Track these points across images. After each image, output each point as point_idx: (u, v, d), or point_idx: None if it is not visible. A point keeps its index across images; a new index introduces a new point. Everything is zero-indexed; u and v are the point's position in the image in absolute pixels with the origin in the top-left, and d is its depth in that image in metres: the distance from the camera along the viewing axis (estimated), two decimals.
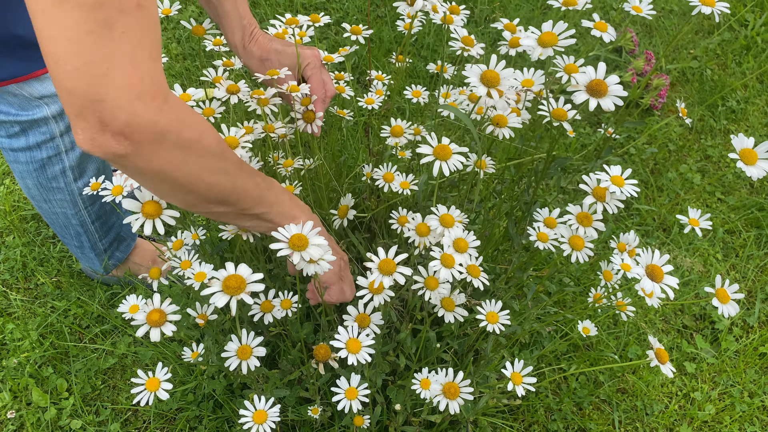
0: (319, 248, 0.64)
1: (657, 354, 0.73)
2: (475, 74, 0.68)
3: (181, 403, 1.11)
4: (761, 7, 2.16)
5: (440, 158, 0.70)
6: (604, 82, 0.64)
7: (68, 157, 1.04)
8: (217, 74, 0.90)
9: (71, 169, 1.05)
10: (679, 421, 1.19)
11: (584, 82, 0.65)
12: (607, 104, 0.64)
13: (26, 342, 1.19)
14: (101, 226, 1.18)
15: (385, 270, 0.68)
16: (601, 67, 0.65)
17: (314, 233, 0.65)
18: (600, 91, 0.64)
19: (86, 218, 1.14)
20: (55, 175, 1.05)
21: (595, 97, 0.64)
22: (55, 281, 1.31)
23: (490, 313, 0.78)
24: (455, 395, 0.75)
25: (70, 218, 1.13)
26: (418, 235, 0.75)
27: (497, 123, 0.78)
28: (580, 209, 0.74)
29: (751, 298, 1.40)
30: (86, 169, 1.08)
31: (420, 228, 0.75)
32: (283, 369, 0.95)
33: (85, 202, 1.11)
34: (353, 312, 0.76)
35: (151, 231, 0.67)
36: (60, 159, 1.03)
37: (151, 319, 0.70)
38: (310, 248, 0.64)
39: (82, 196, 1.10)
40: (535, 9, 2.05)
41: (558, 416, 1.16)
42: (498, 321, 0.78)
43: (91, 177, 1.09)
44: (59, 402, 1.13)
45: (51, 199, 1.09)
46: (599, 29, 0.68)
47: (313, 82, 0.88)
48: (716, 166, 1.69)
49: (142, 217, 0.66)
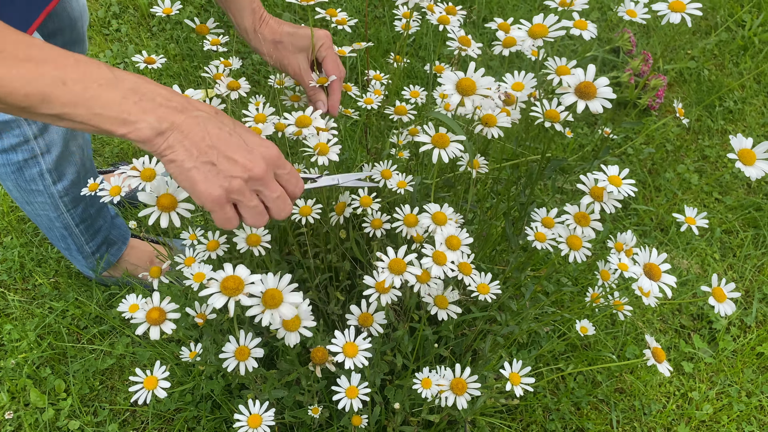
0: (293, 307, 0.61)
1: (654, 353, 0.73)
2: (450, 81, 0.67)
3: (180, 403, 1.11)
4: (759, 8, 2.16)
5: (438, 146, 0.71)
6: (592, 84, 0.64)
7: (44, 160, 1.02)
8: (217, 72, 0.90)
9: (49, 172, 1.04)
10: (677, 421, 1.19)
11: (574, 84, 0.65)
12: (595, 106, 0.63)
13: (24, 343, 1.19)
14: (86, 229, 1.17)
15: (396, 270, 0.68)
16: (591, 69, 0.65)
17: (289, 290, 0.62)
18: (588, 94, 0.64)
19: (69, 221, 1.13)
20: (33, 178, 1.04)
21: (583, 99, 0.64)
22: (53, 282, 1.31)
23: (481, 285, 0.79)
24: (463, 391, 0.75)
25: (53, 221, 1.13)
26: (406, 226, 0.76)
27: (486, 123, 0.78)
28: (577, 209, 0.74)
29: (748, 298, 1.40)
30: (65, 172, 1.06)
31: (408, 219, 0.76)
32: (282, 369, 0.95)
33: (67, 205, 1.11)
34: (356, 311, 0.76)
35: (167, 224, 0.66)
36: (36, 162, 1.02)
37: (151, 317, 0.70)
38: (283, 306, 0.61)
39: (64, 199, 1.09)
40: (532, 9, 2.05)
41: (556, 416, 1.16)
42: (489, 291, 0.78)
43: (71, 180, 1.08)
44: (57, 403, 1.13)
45: (32, 201, 1.09)
46: (579, 27, 0.69)
47: (329, 62, 0.87)
48: (713, 166, 1.69)
49: (158, 211, 0.66)
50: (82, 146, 1.08)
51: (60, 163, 1.05)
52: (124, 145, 1.59)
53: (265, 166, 0.60)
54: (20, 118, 0.96)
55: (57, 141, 1.01)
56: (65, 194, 1.09)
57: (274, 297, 0.61)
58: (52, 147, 1.01)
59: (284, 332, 0.66)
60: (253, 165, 0.59)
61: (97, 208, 1.18)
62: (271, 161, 0.61)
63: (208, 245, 0.85)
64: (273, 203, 0.62)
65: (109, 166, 1.53)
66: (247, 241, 0.78)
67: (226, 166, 0.58)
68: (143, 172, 0.74)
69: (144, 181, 0.72)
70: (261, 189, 0.61)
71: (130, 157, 1.57)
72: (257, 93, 1.67)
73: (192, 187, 0.58)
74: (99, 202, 1.17)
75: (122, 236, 1.27)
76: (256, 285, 0.62)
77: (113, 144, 1.59)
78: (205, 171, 0.58)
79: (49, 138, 1.00)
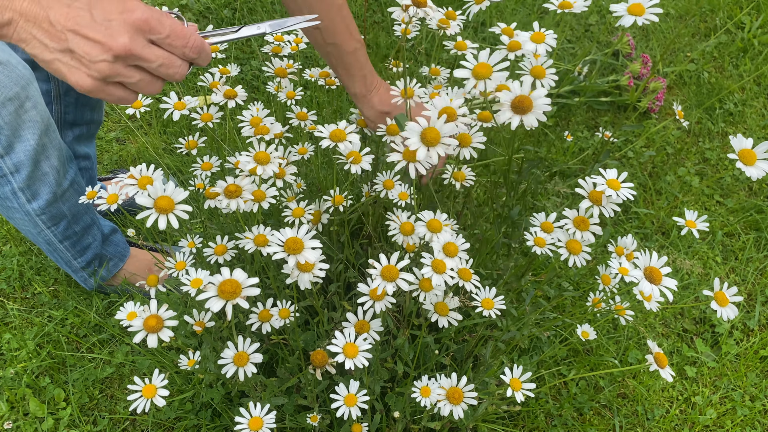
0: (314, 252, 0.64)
1: (656, 358, 0.73)
2: (415, 133, 0.65)
3: (179, 412, 1.11)
4: (758, 10, 2.16)
5: (427, 144, 0.71)
6: (528, 97, 0.61)
7: (15, 179, 1.01)
8: (214, 80, 0.90)
9: (21, 191, 1.03)
10: (681, 426, 1.19)
11: (508, 100, 0.62)
12: (530, 121, 0.61)
13: (23, 352, 1.19)
14: (72, 246, 1.16)
15: (388, 276, 0.68)
16: (527, 80, 0.62)
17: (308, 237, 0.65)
18: (523, 108, 0.61)
19: (51, 238, 1.12)
20: (6, 196, 1.03)
21: (518, 114, 0.61)
22: (52, 290, 1.31)
23: (486, 300, 0.78)
24: (459, 400, 0.74)
25: (35, 236, 1.12)
26: (402, 234, 0.76)
27: (461, 143, 0.76)
28: (576, 213, 0.74)
29: (751, 301, 1.39)
30: (39, 191, 1.05)
31: (405, 227, 0.76)
32: (281, 377, 0.94)
33: (46, 222, 1.09)
34: (352, 319, 0.76)
35: (165, 225, 0.66)
36: (7, 181, 1.01)
37: (148, 325, 0.69)
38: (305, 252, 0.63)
39: (41, 217, 1.08)
40: (531, 13, 2.05)
41: (558, 422, 1.16)
42: (494, 306, 0.78)
43: (47, 200, 1.06)
44: (56, 412, 1.12)
45: (12, 217, 1.08)
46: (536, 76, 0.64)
47: None
48: (714, 169, 1.69)
49: (155, 213, 0.66)
50: (57, 167, 1.05)
51: (31, 183, 1.03)
52: (123, 153, 1.59)
53: (128, 39, 0.52)
54: None
55: (24, 161, 1.00)
56: (41, 213, 1.07)
57: (297, 242, 0.64)
58: (20, 167, 1.00)
59: (298, 273, 0.67)
60: (113, 41, 0.51)
61: (84, 226, 1.16)
62: (138, 28, 0.52)
63: (216, 250, 0.85)
64: (158, 72, 0.55)
65: (107, 174, 1.53)
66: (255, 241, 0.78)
67: (86, 50, 0.51)
68: (140, 180, 0.74)
69: (141, 189, 0.72)
70: (137, 63, 0.54)
71: (129, 165, 1.56)
72: (256, 99, 1.68)
73: (64, 80, 0.53)
74: (85, 220, 1.16)
75: (119, 253, 1.26)
76: (253, 288, 0.62)
77: (112, 152, 1.59)
78: (67, 61, 0.52)
79: (15, 158, 0.99)
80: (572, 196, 1.52)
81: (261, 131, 0.81)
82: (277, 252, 0.65)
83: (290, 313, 0.81)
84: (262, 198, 0.77)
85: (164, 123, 1.64)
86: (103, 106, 1.34)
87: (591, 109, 1.79)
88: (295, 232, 0.65)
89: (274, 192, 0.78)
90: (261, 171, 0.74)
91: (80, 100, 1.24)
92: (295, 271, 0.67)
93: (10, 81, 0.92)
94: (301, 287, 0.67)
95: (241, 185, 0.76)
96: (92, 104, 1.28)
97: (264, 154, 0.75)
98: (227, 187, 0.75)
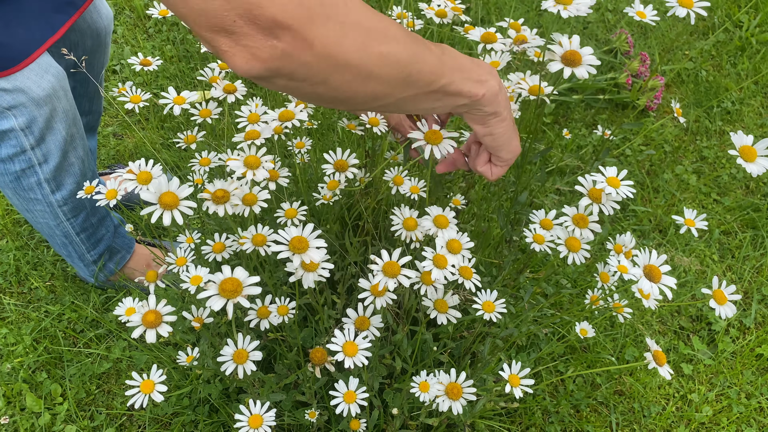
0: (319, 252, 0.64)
1: (654, 356, 0.73)
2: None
3: (177, 407, 1.11)
4: (756, 9, 2.16)
5: (431, 143, 0.71)
6: (577, 52, 0.67)
7: (42, 170, 1.02)
8: (213, 75, 0.90)
9: (47, 182, 1.04)
10: (677, 423, 1.19)
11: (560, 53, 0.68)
12: (581, 72, 0.67)
13: (20, 347, 1.18)
14: (87, 239, 1.16)
15: (390, 272, 0.68)
16: (575, 39, 0.69)
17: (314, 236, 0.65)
18: (574, 60, 0.67)
19: (69, 230, 1.13)
20: (30, 187, 1.04)
21: (569, 66, 0.67)
22: (48, 285, 1.30)
23: (486, 303, 0.78)
24: (458, 396, 0.74)
25: (53, 228, 1.12)
26: (405, 229, 0.76)
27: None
28: (576, 211, 0.74)
29: (747, 299, 1.40)
30: (63, 182, 1.06)
31: (407, 222, 0.76)
32: (280, 373, 0.94)
33: (66, 214, 1.10)
34: (353, 315, 0.76)
35: (170, 222, 0.65)
36: (34, 171, 1.02)
37: (147, 320, 0.69)
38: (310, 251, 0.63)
39: (63, 208, 1.08)
40: (530, 10, 2.05)
41: (555, 419, 1.16)
42: (495, 310, 0.78)
43: (70, 190, 1.07)
44: (53, 407, 1.12)
45: (32, 209, 1.08)
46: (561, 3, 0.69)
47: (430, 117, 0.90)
48: (712, 167, 1.69)
49: (160, 209, 0.65)
50: (82, 157, 1.07)
51: (58, 173, 1.04)
52: (120, 147, 1.58)
53: None
54: (17, 127, 0.96)
55: (54, 151, 1.01)
56: (64, 204, 1.08)
57: (302, 241, 0.64)
58: (49, 157, 1.01)
59: (302, 272, 0.67)
60: None
61: (99, 218, 1.17)
62: None
63: (214, 248, 0.84)
64: None
65: (105, 168, 1.52)
66: (253, 241, 0.77)
67: None
68: (139, 175, 0.74)
69: (140, 184, 0.71)
70: None
71: (126, 160, 1.56)
72: (254, 95, 1.67)
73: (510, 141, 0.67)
74: (101, 212, 1.17)
75: (126, 245, 1.26)
76: (254, 287, 0.62)
77: (109, 146, 1.59)
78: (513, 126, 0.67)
79: (45, 148, 1.00)
80: (570, 193, 1.52)
81: (251, 136, 0.79)
82: (282, 251, 0.64)
83: (288, 311, 0.81)
84: (253, 202, 0.75)
85: (162, 118, 1.63)
86: (102, 98, 1.33)
87: (589, 106, 1.80)
88: (300, 231, 0.65)
89: (266, 196, 0.76)
90: (251, 175, 0.73)
91: (76, 90, 1.24)
92: (300, 270, 0.66)
93: (52, 76, 0.94)
94: (305, 286, 0.67)
95: (229, 189, 0.74)
96: (90, 95, 1.27)
97: (254, 158, 0.74)
98: (215, 192, 0.72)
